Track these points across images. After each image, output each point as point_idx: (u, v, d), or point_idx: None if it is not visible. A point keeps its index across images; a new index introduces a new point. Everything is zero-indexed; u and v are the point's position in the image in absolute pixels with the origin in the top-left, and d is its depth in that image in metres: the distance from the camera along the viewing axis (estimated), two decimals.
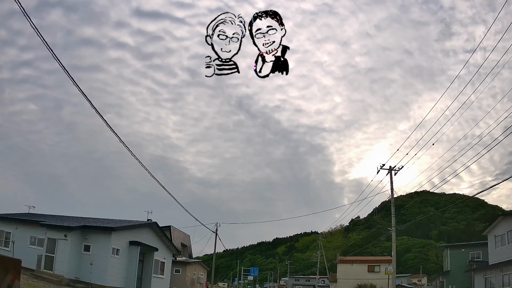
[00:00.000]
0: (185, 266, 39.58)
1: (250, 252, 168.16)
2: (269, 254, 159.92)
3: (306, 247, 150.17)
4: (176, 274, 37.51)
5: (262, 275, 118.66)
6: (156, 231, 28.14)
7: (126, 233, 24.18)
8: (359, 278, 43.26)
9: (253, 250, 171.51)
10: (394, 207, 25.16)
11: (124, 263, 23.47)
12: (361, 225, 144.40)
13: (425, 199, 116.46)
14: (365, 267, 45.83)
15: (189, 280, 40.02)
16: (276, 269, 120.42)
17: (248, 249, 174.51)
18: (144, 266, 25.93)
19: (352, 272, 45.14)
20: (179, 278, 37.91)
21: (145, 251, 25.91)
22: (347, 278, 45.12)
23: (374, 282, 41.64)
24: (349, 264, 47.53)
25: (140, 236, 25.37)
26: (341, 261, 49.46)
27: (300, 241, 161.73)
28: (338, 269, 48.55)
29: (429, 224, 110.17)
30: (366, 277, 43.41)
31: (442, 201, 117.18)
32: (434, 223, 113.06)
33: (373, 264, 46.25)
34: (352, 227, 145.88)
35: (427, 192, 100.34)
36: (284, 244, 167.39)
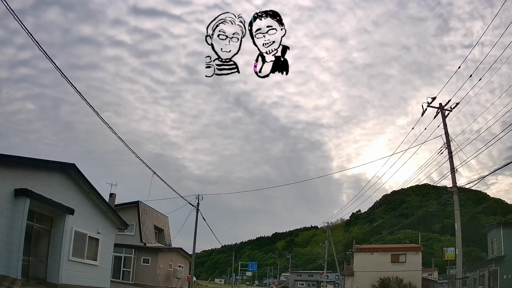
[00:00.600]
0: (156, 255, 31.38)
1: (249, 248, 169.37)
2: (268, 249, 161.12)
3: (306, 242, 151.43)
4: (145, 265, 30.99)
5: (261, 270, 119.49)
6: (77, 183, 16.78)
7: (13, 175, 13.04)
8: (380, 271, 35.93)
9: (252, 246, 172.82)
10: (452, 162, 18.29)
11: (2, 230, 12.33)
12: (362, 219, 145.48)
13: (427, 192, 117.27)
14: (387, 257, 38.26)
15: (163, 273, 31.91)
16: (276, 264, 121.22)
17: (247, 244, 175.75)
18: (52, 240, 15.18)
19: (372, 263, 38.01)
20: (148, 271, 30.72)
21: (50, 214, 15.20)
22: (365, 270, 38.04)
23: (401, 275, 34.61)
24: (368, 253, 40.03)
25: (44, 187, 14.43)
26: (358, 249, 41.01)
27: (300, 236, 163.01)
28: (354, 260, 40.55)
29: (432, 218, 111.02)
30: (389, 269, 36.09)
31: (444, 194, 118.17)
32: (436, 217, 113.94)
33: (398, 253, 38.51)
34: (353, 221, 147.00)
35: (428, 186, 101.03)
36: (284, 239, 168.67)
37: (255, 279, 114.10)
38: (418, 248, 39.76)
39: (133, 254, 31.15)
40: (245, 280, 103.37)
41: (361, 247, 42.36)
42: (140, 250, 31.66)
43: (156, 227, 37.56)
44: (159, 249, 32.74)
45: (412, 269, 36.27)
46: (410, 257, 37.46)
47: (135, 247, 31.42)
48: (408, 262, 36.94)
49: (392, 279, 34.60)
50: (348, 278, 41.29)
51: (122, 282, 29.23)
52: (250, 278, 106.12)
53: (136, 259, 31.17)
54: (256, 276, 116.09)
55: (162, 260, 32.15)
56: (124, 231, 27.35)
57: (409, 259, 37.34)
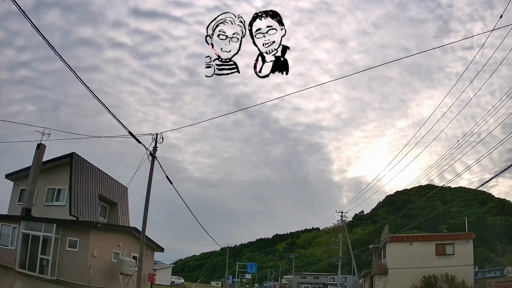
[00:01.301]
0: (86, 235, 20.59)
1: (249, 250, 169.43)
2: (269, 251, 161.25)
3: (308, 244, 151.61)
4: (71, 252, 20.28)
5: (261, 273, 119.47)
6: None
7: None
8: (422, 267, 29.13)
9: (252, 248, 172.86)
10: None
11: None
12: (365, 220, 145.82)
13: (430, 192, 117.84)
14: (431, 248, 30.82)
15: (99, 265, 21.09)
16: (276, 266, 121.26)
17: (247, 246, 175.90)
18: None
19: (412, 257, 30.76)
20: (75, 260, 20.24)
21: None
22: (403, 266, 30.73)
23: (452, 272, 27.49)
24: (405, 243, 32.18)
25: None
26: (393, 239, 33.01)
27: (302, 237, 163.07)
28: (387, 253, 32.91)
29: (437, 218, 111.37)
30: (433, 264, 29.25)
31: (448, 195, 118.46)
32: (442, 217, 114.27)
33: (444, 242, 31.01)
34: (356, 222, 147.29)
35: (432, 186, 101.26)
36: (285, 240, 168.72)
37: (255, 282, 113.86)
38: (469, 236, 31.26)
39: (53, 232, 20.33)
40: (245, 283, 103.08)
41: (397, 237, 34.13)
42: (67, 226, 20.98)
43: (104, 198, 27.06)
44: (92, 225, 21.18)
45: (463, 263, 28.99)
46: (460, 248, 29.96)
47: (58, 222, 20.83)
48: (457, 254, 29.76)
49: (441, 277, 27.29)
50: (379, 278, 32.66)
51: (38, 277, 19.74)
52: (250, 281, 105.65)
53: (60, 241, 20.56)
54: (256, 278, 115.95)
55: (98, 244, 21.18)
56: (53, 200, 22.69)
57: (458, 250, 29.90)
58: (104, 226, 23.01)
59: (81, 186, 24.63)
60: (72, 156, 24.05)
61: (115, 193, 29.02)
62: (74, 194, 23.69)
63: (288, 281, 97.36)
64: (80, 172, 24.74)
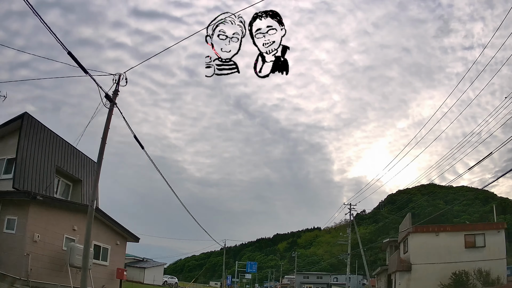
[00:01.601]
0: (25, 212, 15.70)
1: (249, 249, 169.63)
2: (269, 251, 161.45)
3: (309, 243, 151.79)
4: (9, 234, 15.58)
5: (262, 273, 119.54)
6: None
7: None
8: (451, 262, 25.68)
9: (252, 247, 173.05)
10: None
11: None
12: (367, 219, 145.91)
13: (433, 191, 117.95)
14: (459, 240, 27.06)
15: (44, 255, 16.21)
16: (277, 266, 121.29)
17: (247, 246, 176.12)
18: None
19: (438, 251, 27.11)
20: (13, 244, 15.45)
21: None
22: (429, 261, 27.06)
23: (486, 267, 24.34)
24: (431, 234, 28.21)
25: None
26: (416, 230, 29.21)
27: (303, 237, 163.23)
28: (409, 247, 29.25)
29: (440, 217, 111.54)
30: (461, 258, 25.85)
31: (451, 194, 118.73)
32: (444, 216, 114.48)
33: (474, 233, 27.17)
34: (358, 222, 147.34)
35: (434, 185, 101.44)
36: (286, 240, 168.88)
37: (255, 282, 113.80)
38: (501, 226, 27.50)
39: None
40: (245, 284, 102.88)
41: (422, 228, 29.72)
42: (7, 201, 16.25)
43: (64, 172, 21.56)
44: (30, 198, 15.72)
45: (495, 257, 25.37)
46: (491, 240, 26.32)
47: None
48: (488, 247, 26.19)
49: (474, 273, 24.18)
50: (401, 276, 28.99)
51: None
52: (250, 281, 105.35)
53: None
54: (257, 278, 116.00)
55: (41, 225, 16.22)
56: (1, 173, 18.17)
57: (489, 242, 26.28)
58: (49, 201, 17.30)
59: (33, 154, 19.35)
60: (23, 117, 18.66)
61: (80, 168, 23.17)
62: (21, 164, 18.49)
63: (290, 281, 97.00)
64: (32, 139, 19.44)
